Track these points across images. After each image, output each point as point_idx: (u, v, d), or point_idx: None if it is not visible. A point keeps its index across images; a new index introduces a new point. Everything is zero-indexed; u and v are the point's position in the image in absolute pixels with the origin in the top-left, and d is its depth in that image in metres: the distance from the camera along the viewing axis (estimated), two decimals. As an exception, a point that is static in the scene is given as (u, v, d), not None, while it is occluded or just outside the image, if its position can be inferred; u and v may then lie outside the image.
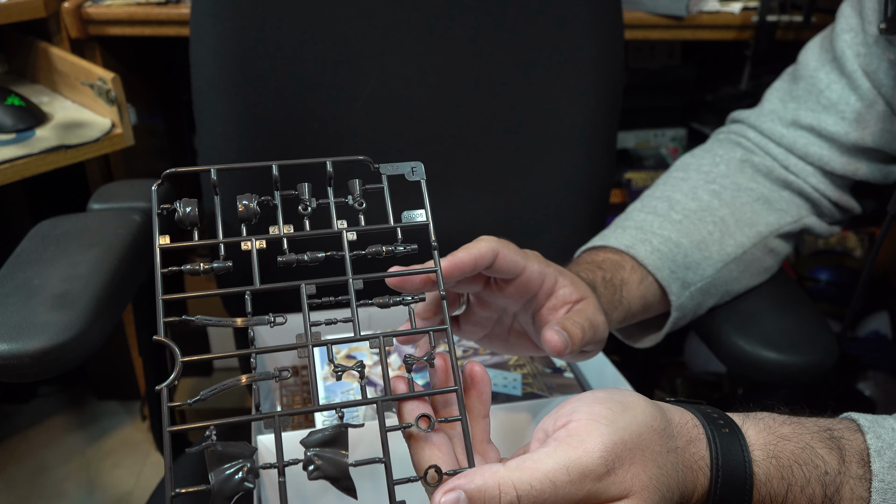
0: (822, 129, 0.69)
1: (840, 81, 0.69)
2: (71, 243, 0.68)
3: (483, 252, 0.49)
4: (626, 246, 0.65)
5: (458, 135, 0.85)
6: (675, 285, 0.64)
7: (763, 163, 0.72)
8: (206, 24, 0.78)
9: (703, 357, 1.52)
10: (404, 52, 0.82)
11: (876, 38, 0.66)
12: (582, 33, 0.84)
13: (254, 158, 0.81)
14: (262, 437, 0.58)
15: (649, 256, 0.64)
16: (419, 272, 0.47)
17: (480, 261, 0.49)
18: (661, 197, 0.71)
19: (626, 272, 0.64)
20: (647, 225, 0.67)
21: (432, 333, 0.45)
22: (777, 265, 0.72)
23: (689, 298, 0.65)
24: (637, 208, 0.71)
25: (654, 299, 0.65)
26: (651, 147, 1.51)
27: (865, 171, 0.69)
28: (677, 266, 0.65)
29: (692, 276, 0.65)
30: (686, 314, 0.66)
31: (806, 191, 0.71)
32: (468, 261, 0.49)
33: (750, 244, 0.68)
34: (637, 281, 0.64)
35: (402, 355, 0.72)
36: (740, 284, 0.69)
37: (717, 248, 0.67)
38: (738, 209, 0.69)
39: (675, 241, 0.66)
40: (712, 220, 0.68)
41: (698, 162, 0.74)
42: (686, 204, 0.69)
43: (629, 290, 0.63)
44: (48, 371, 0.56)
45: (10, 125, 0.99)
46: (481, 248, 0.49)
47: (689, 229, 0.67)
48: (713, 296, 0.67)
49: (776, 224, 0.70)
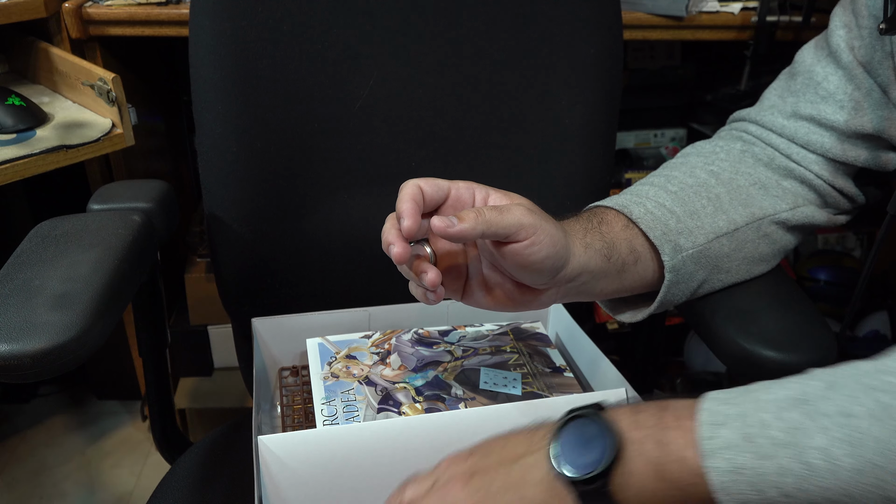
0: (822, 118, 0.70)
1: (837, 73, 0.70)
2: (71, 244, 0.68)
3: (411, 192, 0.54)
4: (620, 205, 0.66)
5: (458, 135, 0.86)
6: (668, 247, 0.64)
7: (764, 153, 0.73)
8: (205, 24, 0.78)
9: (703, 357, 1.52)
10: (404, 52, 0.82)
11: (870, 31, 0.67)
12: (581, 33, 0.84)
13: (253, 158, 0.81)
14: (262, 437, 0.58)
15: (643, 216, 0.65)
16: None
17: (417, 198, 0.54)
18: (659, 174, 0.72)
19: (609, 217, 0.65)
20: (643, 192, 0.68)
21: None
22: (774, 256, 0.72)
23: (681, 263, 0.65)
24: (635, 184, 0.72)
25: (643, 252, 0.65)
26: (651, 147, 1.51)
27: (866, 158, 0.70)
28: (669, 230, 0.65)
29: (684, 241, 0.65)
30: (679, 281, 0.66)
31: (809, 178, 0.71)
32: (412, 206, 0.53)
33: (743, 223, 0.68)
34: (621, 226, 0.64)
35: (402, 355, 0.72)
36: (732, 263, 0.69)
37: (709, 221, 0.67)
38: (735, 190, 0.70)
39: (669, 208, 0.66)
40: (707, 195, 0.69)
41: (698, 149, 0.75)
42: (682, 179, 0.70)
43: (609, 228, 0.64)
44: (48, 371, 0.56)
45: (10, 125, 0.99)
46: (407, 190, 0.54)
47: (683, 200, 0.68)
48: (703, 267, 0.67)
49: (771, 209, 0.70)
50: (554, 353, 0.74)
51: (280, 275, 0.86)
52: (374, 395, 0.67)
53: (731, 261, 0.68)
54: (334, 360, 0.72)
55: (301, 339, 0.76)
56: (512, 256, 0.54)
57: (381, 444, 0.60)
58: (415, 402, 0.66)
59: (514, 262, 0.55)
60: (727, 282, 0.69)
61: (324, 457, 0.59)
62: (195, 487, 0.75)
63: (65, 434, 1.56)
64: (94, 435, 1.56)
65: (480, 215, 0.52)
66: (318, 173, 0.84)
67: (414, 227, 0.53)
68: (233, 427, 0.83)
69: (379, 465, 0.61)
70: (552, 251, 0.55)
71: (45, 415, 1.61)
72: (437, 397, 0.67)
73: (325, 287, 0.87)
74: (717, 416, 0.43)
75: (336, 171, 0.84)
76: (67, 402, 1.64)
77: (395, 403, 0.66)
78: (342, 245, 0.86)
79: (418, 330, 0.76)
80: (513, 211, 0.54)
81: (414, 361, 0.71)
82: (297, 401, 0.75)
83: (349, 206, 0.85)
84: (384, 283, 0.78)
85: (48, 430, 1.57)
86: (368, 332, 0.76)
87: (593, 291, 0.63)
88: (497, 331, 0.77)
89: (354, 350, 0.73)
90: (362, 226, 0.85)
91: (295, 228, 0.85)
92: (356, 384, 0.68)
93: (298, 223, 0.85)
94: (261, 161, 0.81)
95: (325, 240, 0.86)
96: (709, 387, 1.47)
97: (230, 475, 0.76)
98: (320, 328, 0.77)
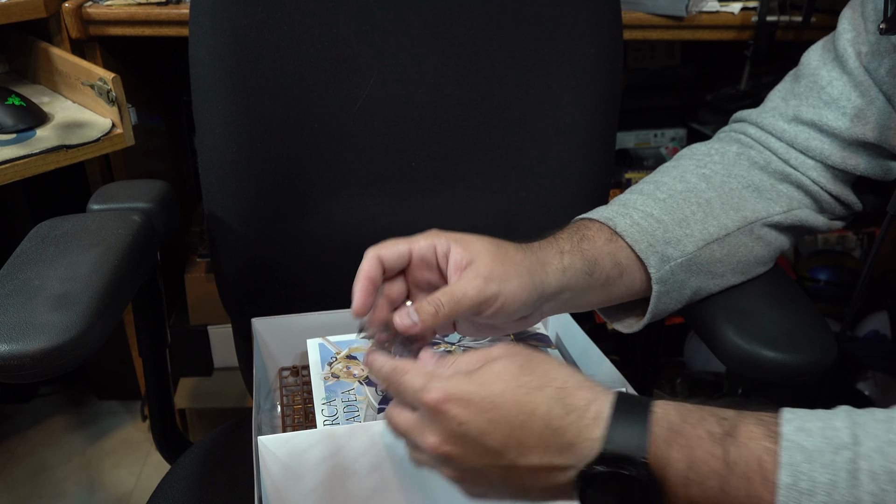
0: (824, 124, 0.69)
1: (841, 79, 0.69)
2: (71, 244, 0.68)
3: (367, 268, 0.55)
4: (605, 218, 0.66)
5: (458, 135, 0.86)
6: (654, 258, 0.64)
7: (760, 157, 0.72)
8: (205, 24, 0.78)
9: (703, 357, 1.52)
10: (404, 52, 0.82)
11: (878, 38, 0.66)
12: (581, 33, 0.84)
13: (253, 158, 0.81)
14: (262, 437, 0.58)
15: (628, 229, 0.64)
16: None
17: (373, 273, 0.55)
18: (650, 180, 0.72)
19: (591, 232, 0.65)
20: (630, 202, 0.68)
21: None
22: (770, 257, 0.72)
23: (669, 273, 0.65)
24: (626, 191, 0.72)
25: (629, 264, 0.64)
26: (651, 147, 1.51)
27: (866, 167, 0.70)
28: (656, 241, 0.65)
29: (672, 251, 0.65)
30: (670, 290, 0.66)
31: (805, 184, 0.71)
32: (365, 286, 0.54)
33: (734, 227, 0.68)
34: (604, 240, 0.64)
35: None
36: (726, 268, 0.68)
37: (699, 228, 0.67)
38: (726, 194, 0.69)
39: (657, 218, 0.66)
40: (697, 201, 0.68)
41: (693, 152, 0.75)
42: (672, 185, 0.70)
43: (591, 244, 0.63)
44: (48, 372, 0.56)
45: (10, 125, 0.99)
46: (364, 266, 0.55)
47: (671, 207, 0.67)
48: (696, 274, 0.67)
49: (764, 212, 0.70)
50: (554, 353, 0.74)
51: (280, 275, 0.86)
52: (374, 396, 0.67)
53: (725, 265, 0.68)
54: (335, 361, 0.72)
55: (301, 339, 0.76)
56: (481, 319, 0.57)
57: (380, 444, 0.60)
58: (415, 402, 0.66)
59: (485, 321, 0.57)
60: (724, 286, 0.69)
61: (324, 457, 0.59)
62: (195, 487, 0.75)
63: (65, 434, 1.56)
64: (94, 435, 1.56)
65: (440, 310, 0.53)
66: (318, 173, 0.84)
67: (363, 308, 0.54)
68: (233, 427, 0.83)
69: (379, 466, 0.61)
70: (517, 305, 0.56)
71: (45, 415, 1.61)
72: (437, 397, 0.67)
73: (325, 287, 0.87)
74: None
75: (336, 171, 0.84)
76: (67, 402, 1.64)
77: (395, 403, 0.66)
78: (342, 245, 0.85)
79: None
80: (468, 293, 0.54)
81: (414, 361, 0.71)
82: (298, 401, 0.75)
83: (349, 206, 0.85)
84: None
85: (48, 430, 1.57)
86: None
87: (580, 304, 0.64)
88: (497, 331, 0.77)
89: (355, 350, 0.73)
90: (362, 226, 0.85)
91: (295, 228, 0.85)
92: (357, 384, 0.68)
93: (298, 223, 0.85)
94: (261, 161, 0.81)
95: (325, 240, 0.86)
96: (709, 387, 1.46)
97: (230, 475, 0.76)
98: (320, 328, 0.77)
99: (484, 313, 0.55)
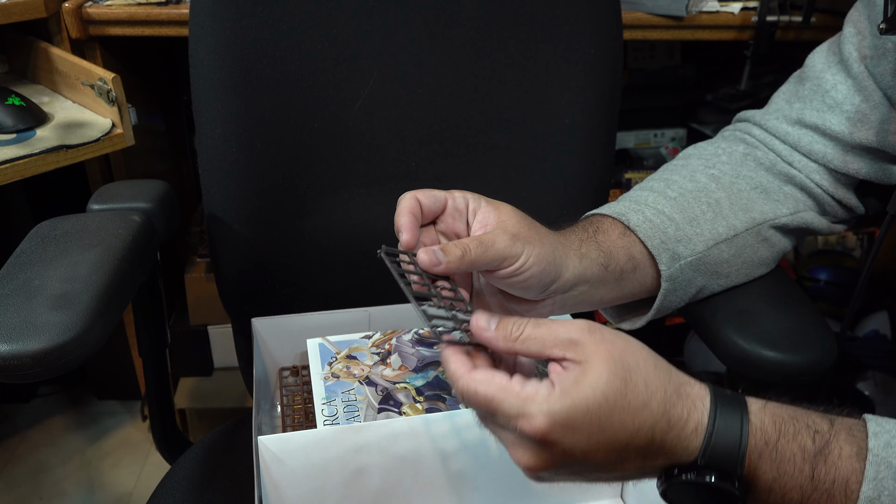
0: (827, 127, 0.69)
1: (846, 83, 0.69)
2: (71, 244, 0.68)
3: (409, 205, 0.54)
4: (619, 213, 0.66)
5: (458, 135, 0.86)
6: (665, 256, 0.64)
7: (766, 157, 0.73)
8: (205, 24, 0.78)
9: (703, 357, 1.52)
10: (404, 52, 0.82)
11: (880, 39, 0.66)
12: (581, 33, 0.84)
13: (253, 159, 0.81)
14: (262, 437, 0.58)
15: (641, 225, 0.64)
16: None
17: (415, 211, 0.54)
18: (659, 178, 0.72)
19: (605, 226, 0.64)
20: (641, 199, 0.68)
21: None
22: (773, 259, 0.72)
23: (679, 271, 0.65)
24: (635, 188, 0.72)
25: (642, 259, 0.64)
26: (651, 147, 1.51)
27: (868, 171, 0.70)
28: (668, 238, 0.65)
29: (682, 249, 0.65)
30: (677, 288, 0.66)
31: (808, 186, 0.71)
32: (410, 220, 0.53)
33: (743, 228, 0.68)
34: (618, 234, 0.64)
35: (402, 355, 0.72)
36: (731, 269, 0.69)
37: (708, 227, 0.67)
38: (735, 194, 0.70)
39: (668, 215, 0.66)
40: (707, 200, 0.68)
41: (700, 151, 0.75)
42: (683, 184, 0.70)
43: (606, 237, 0.63)
44: (48, 371, 0.56)
45: (10, 125, 0.99)
46: (405, 203, 0.54)
47: (682, 206, 0.67)
48: (702, 273, 0.67)
49: (772, 213, 0.70)
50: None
51: (280, 275, 0.86)
52: (374, 396, 0.67)
53: (731, 266, 0.68)
54: (335, 361, 0.72)
55: (301, 339, 0.76)
56: (498, 280, 0.56)
57: (381, 444, 0.60)
58: (415, 402, 0.66)
59: (502, 283, 0.57)
60: (726, 286, 0.69)
61: (324, 457, 0.59)
62: (195, 487, 0.75)
63: (65, 434, 1.56)
64: (94, 435, 1.56)
65: (466, 254, 0.53)
66: (318, 173, 0.84)
67: (412, 240, 0.53)
68: (233, 427, 0.83)
69: (379, 465, 0.61)
70: (538, 271, 0.56)
71: (45, 415, 1.61)
72: (437, 397, 0.67)
73: (325, 287, 0.87)
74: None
75: (336, 171, 0.84)
76: (67, 402, 1.64)
77: (395, 403, 0.66)
78: (342, 245, 0.86)
79: (419, 330, 0.76)
80: (496, 243, 0.54)
81: (414, 362, 0.71)
82: (297, 401, 0.75)
83: (349, 206, 0.85)
84: (384, 283, 0.78)
85: (48, 430, 1.57)
86: (369, 333, 0.76)
87: (593, 300, 0.63)
88: (497, 331, 0.77)
89: (355, 350, 0.73)
90: (362, 226, 0.85)
91: (295, 228, 0.85)
92: (357, 384, 0.68)
93: (298, 223, 0.85)
94: (261, 161, 0.81)
95: (325, 240, 0.86)
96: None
97: (230, 475, 0.76)
98: (320, 328, 0.77)
99: (504, 269, 0.55)
